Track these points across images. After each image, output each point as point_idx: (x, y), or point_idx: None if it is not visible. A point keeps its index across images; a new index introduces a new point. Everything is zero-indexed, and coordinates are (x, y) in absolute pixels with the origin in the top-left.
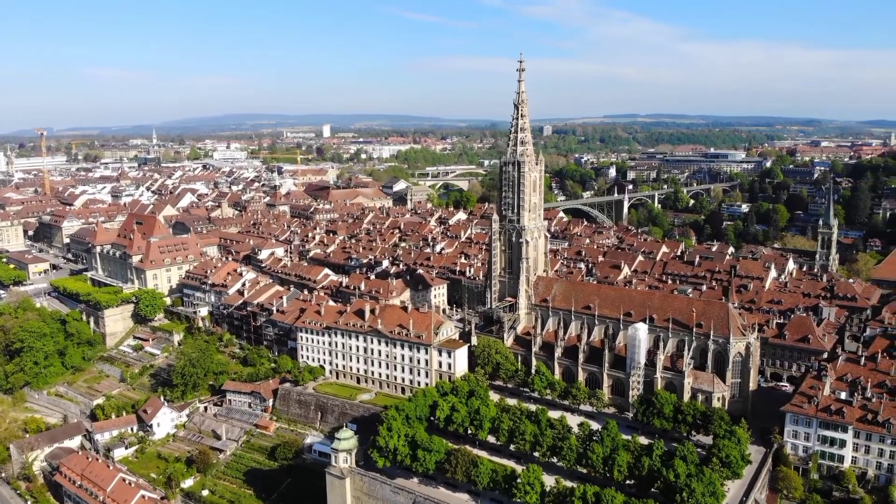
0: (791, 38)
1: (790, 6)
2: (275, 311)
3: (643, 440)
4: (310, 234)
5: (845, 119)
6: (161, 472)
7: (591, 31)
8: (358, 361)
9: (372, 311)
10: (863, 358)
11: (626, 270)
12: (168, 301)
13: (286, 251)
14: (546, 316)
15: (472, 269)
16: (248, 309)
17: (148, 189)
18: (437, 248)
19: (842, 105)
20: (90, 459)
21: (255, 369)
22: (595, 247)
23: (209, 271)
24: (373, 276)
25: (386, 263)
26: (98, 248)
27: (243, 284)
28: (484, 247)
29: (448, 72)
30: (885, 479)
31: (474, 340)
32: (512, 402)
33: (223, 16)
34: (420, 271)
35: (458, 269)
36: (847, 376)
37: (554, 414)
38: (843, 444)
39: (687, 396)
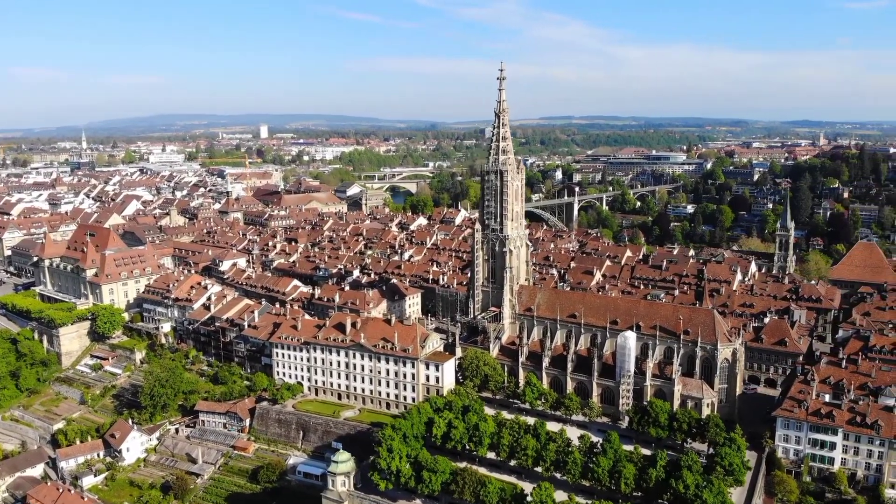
0: (718, 41)
1: (717, 10)
2: (246, 327)
3: (642, 450)
4: (270, 243)
5: (770, 119)
6: (135, 501)
7: (527, 34)
8: (339, 377)
9: (353, 325)
10: (843, 360)
11: (598, 276)
12: (126, 317)
13: (248, 261)
14: (531, 325)
15: (445, 277)
16: (217, 324)
17: (87, 196)
18: (406, 256)
19: (767, 106)
20: (60, 490)
21: (227, 388)
22: (561, 252)
23: (171, 285)
24: (347, 287)
25: (357, 273)
26: (47, 262)
27: (209, 298)
28: (453, 254)
29: (385, 72)
30: (874, 479)
31: (459, 352)
32: (501, 413)
33: (148, 12)
34: (394, 281)
35: (430, 277)
36: (830, 379)
37: (547, 425)
38: (833, 446)
39: (677, 403)
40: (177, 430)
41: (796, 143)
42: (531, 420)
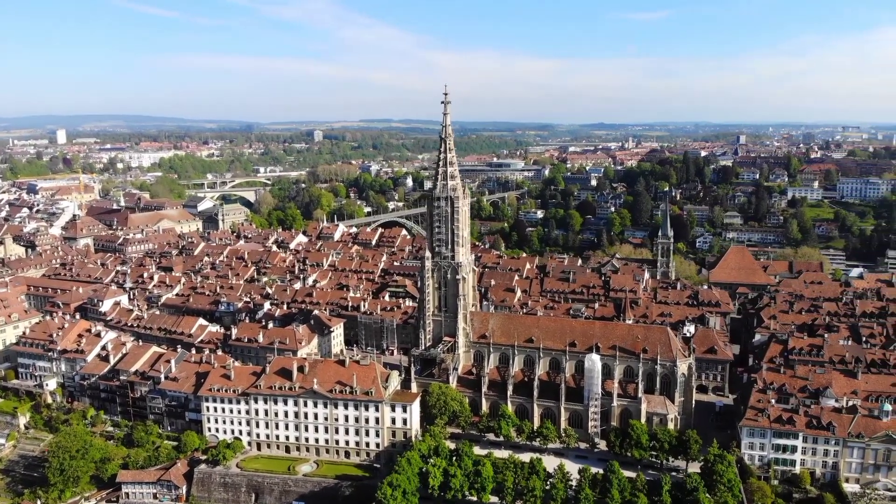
0: (517, 49)
1: (513, 19)
2: (163, 379)
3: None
4: (145, 275)
5: (570, 123)
6: None
7: (339, 35)
8: (287, 428)
9: (301, 370)
10: (782, 366)
11: (518, 293)
12: None
13: (131, 298)
14: (485, 353)
15: (367, 304)
16: (122, 378)
17: None
18: (310, 281)
19: (567, 110)
20: None
21: (148, 451)
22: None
23: (54, 334)
24: (272, 325)
25: (267, 306)
26: None
27: (104, 348)
28: (362, 275)
29: (190, 70)
30: (831, 476)
31: (414, 387)
32: (493, 453)
33: None
34: (316, 312)
35: (349, 304)
36: (773, 384)
37: (525, 457)
38: (794, 449)
39: (643, 421)
40: None
41: (607, 147)
42: (506, 454)
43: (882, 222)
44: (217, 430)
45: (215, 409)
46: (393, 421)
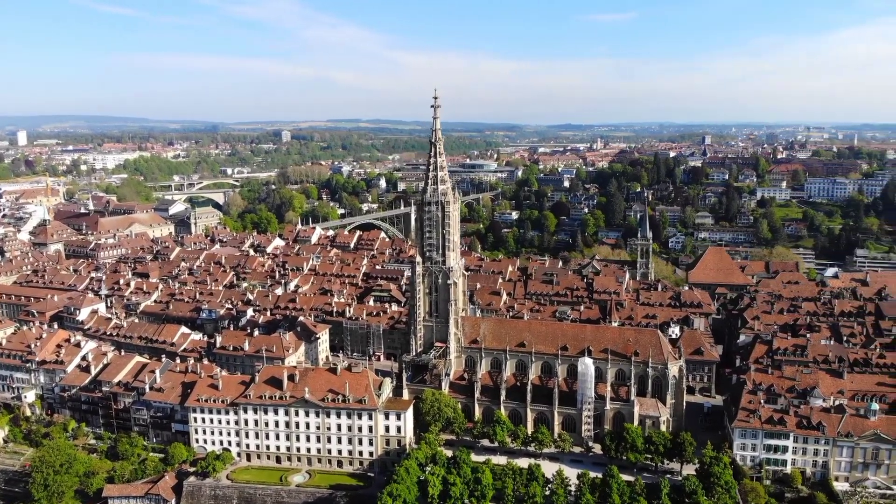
0: (482, 50)
1: (478, 20)
2: (148, 390)
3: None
4: (121, 281)
5: (538, 123)
6: None
7: (304, 35)
8: (278, 438)
9: (291, 378)
10: (769, 367)
11: (504, 296)
12: None
13: (108, 306)
14: (477, 358)
15: (352, 309)
16: (105, 389)
17: None
18: (292, 286)
19: (534, 111)
20: None
21: (133, 464)
22: None
23: (33, 344)
24: (257, 332)
25: (250, 312)
26: None
27: (84, 358)
28: (346, 280)
29: (151, 69)
30: (821, 475)
31: (406, 394)
32: (491, 459)
33: None
34: (302, 319)
35: (334, 309)
36: (761, 385)
37: (521, 463)
38: (784, 449)
39: (636, 424)
40: None
41: (576, 148)
42: (502, 460)
43: (850, 221)
44: (205, 441)
45: (203, 420)
46: (387, 429)
